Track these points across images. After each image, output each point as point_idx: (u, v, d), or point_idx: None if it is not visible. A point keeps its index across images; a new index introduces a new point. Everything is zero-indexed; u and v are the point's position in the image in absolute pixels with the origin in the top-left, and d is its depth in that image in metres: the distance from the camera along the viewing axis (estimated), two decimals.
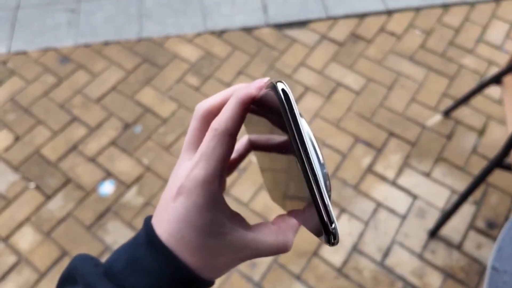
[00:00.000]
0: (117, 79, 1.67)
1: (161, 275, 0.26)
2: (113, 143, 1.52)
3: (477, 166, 1.43)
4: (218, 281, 1.26)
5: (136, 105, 1.61)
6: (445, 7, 1.86)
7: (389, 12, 1.85)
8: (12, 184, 1.43)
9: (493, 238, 1.31)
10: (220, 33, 1.80)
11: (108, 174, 1.45)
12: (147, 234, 0.27)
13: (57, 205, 1.39)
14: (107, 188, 1.42)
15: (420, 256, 1.30)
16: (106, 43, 1.77)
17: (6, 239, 1.33)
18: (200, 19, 1.84)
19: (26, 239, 1.33)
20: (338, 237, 0.24)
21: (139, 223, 1.35)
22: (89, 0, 1.92)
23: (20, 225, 1.36)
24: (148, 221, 0.29)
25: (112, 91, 1.64)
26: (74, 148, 1.51)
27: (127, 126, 1.56)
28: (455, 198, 1.37)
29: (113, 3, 1.91)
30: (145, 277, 0.26)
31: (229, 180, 1.38)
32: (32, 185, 1.43)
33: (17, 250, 1.31)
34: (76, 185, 1.43)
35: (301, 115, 0.25)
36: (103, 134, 1.54)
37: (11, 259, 1.30)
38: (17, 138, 1.53)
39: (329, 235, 0.23)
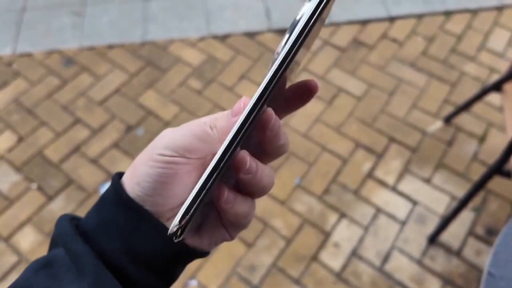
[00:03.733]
0: (120, 82, 1.69)
1: (135, 235, 0.27)
2: (116, 145, 1.53)
3: (478, 172, 1.43)
4: (217, 284, 1.26)
5: (138, 108, 1.62)
6: (447, 14, 1.87)
7: (392, 19, 1.86)
8: (15, 184, 1.45)
9: (493, 245, 1.31)
10: (223, 38, 1.81)
11: (110, 176, 1.46)
12: (116, 193, 0.28)
13: (59, 206, 1.40)
14: None
15: (420, 262, 1.30)
16: (110, 46, 1.79)
17: (7, 239, 1.34)
18: (204, 24, 1.86)
19: (27, 239, 1.34)
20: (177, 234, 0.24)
21: None
22: (94, 3, 1.94)
23: (21, 225, 1.37)
24: (116, 178, 0.29)
25: (115, 94, 1.66)
26: (76, 149, 1.52)
27: (129, 128, 1.57)
28: (455, 204, 1.38)
29: (118, 6, 1.93)
30: (119, 239, 0.27)
31: None
32: (34, 185, 1.44)
33: (18, 250, 1.32)
34: (78, 186, 1.44)
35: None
36: (105, 136, 1.55)
37: (12, 259, 1.31)
38: (20, 139, 1.54)
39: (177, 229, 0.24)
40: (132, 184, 0.28)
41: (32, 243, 1.33)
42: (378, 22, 1.85)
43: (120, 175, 0.30)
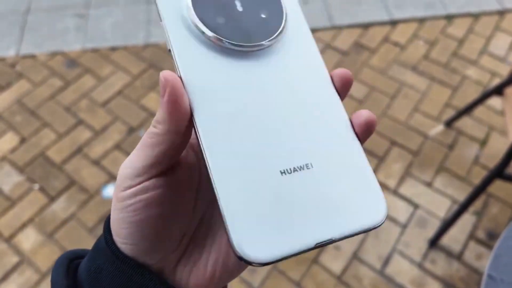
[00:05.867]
0: (123, 84, 1.69)
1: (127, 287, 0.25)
2: (118, 146, 1.54)
3: (479, 176, 1.43)
4: None
5: (141, 109, 1.63)
6: (449, 18, 1.87)
7: (393, 23, 1.86)
8: (17, 185, 1.45)
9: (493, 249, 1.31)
10: None
11: (112, 177, 1.46)
12: (106, 239, 0.25)
13: (61, 207, 1.41)
14: (111, 191, 1.44)
15: (420, 265, 1.30)
16: (113, 48, 1.80)
17: (9, 239, 1.35)
18: None
19: (29, 239, 1.35)
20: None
21: None
22: (98, 6, 1.95)
23: (23, 226, 1.37)
24: (107, 223, 0.26)
25: (118, 96, 1.66)
26: (79, 151, 1.53)
27: (131, 130, 1.58)
28: (456, 208, 1.38)
29: (122, 9, 1.94)
30: None
31: None
32: (36, 186, 1.45)
33: (19, 251, 1.33)
34: (80, 187, 1.45)
35: None
36: (108, 137, 1.56)
37: (13, 259, 1.31)
38: (23, 140, 1.55)
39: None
40: (116, 238, 0.25)
41: (34, 244, 1.34)
42: (380, 25, 1.86)
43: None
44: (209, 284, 0.26)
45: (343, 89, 0.28)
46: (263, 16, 0.26)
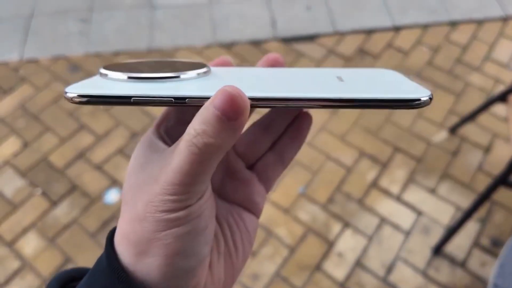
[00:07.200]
0: None
1: None
2: (120, 151, 1.53)
3: (483, 183, 1.43)
4: None
5: (143, 114, 1.62)
6: (453, 24, 1.87)
7: (397, 29, 1.86)
8: (19, 189, 1.45)
9: (498, 256, 1.30)
10: (229, 46, 1.82)
11: (114, 182, 1.46)
12: (108, 257, 0.23)
13: (63, 212, 1.40)
14: (113, 196, 1.43)
15: (424, 273, 1.29)
16: (117, 53, 1.80)
17: (11, 244, 1.34)
18: (210, 32, 1.87)
19: (30, 244, 1.34)
20: None
21: None
22: (101, 10, 1.96)
23: (25, 231, 1.37)
24: (110, 237, 0.24)
25: None
26: (81, 155, 1.52)
27: (134, 135, 1.57)
28: (460, 215, 1.37)
29: (125, 13, 1.94)
30: None
31: None
32: (38, 191, 1.45)
33: (21, 255, 1.32)
34: (82, 192, 1.44)
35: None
36: (110, 142, 1.55)
37: (15, 264, 1.31)
38: (25, 144, 1.55)
39: None
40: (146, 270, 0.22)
41: (36, 249, 1.33)
42: (383, 31, 1.85)
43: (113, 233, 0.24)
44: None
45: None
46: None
